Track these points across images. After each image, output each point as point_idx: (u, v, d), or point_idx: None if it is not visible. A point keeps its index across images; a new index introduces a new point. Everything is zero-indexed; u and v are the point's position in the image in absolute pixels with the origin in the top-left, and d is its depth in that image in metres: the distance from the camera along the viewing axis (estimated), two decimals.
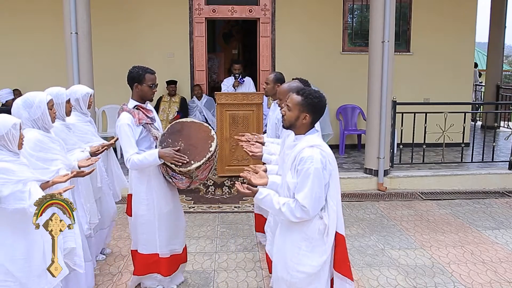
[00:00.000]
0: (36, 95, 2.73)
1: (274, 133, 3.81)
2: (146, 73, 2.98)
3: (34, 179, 2.38)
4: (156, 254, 3.10)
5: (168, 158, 2.82)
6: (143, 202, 3.03)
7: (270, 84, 3.81)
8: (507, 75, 19.09)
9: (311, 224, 2.19)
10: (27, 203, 2.23)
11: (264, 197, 2.22)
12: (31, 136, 2.67)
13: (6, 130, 2.28)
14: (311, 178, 2.11)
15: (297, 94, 2.25)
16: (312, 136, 2.25)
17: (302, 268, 2.20)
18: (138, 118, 2.94)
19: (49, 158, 2.73)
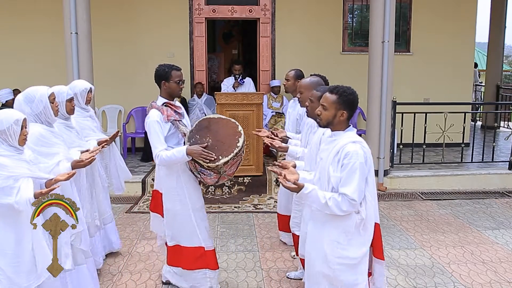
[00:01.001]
0: (37, 89, 2.75)
1: (294, 129, 3.87)
2: (172, 70, 3.00)
3: (31, 176, 2.38)
4: (202, 247, 3.10)
5: (195, 155, 2.83)
6: (176, 198, 3.04)
7: (291, 81, 3.86)
8: (507, 75, 19.10)
9: (348, 218, 2.26)
10: (13, 199, 2.24)
11: (310, 192, 2.25)
12: (34, 131, 2.69)
13: (8, 125, 2.31)
14: (357, 172, 2.19)
15: (330, 93, 2.32)
16: (352, 132, 2.33)
17: (342, 261, 2.28)
18: (167, 115, 2.97)
19: (50, 153, 2.75)
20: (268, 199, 5.53)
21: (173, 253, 3.18)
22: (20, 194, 2.26)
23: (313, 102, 2.77)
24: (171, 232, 3.14)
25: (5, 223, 2.32)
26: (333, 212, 2.23)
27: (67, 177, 2.51)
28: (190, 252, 3.10)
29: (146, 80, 7.34)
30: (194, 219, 3.07)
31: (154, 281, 3.47)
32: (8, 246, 2.32)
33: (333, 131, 2.36)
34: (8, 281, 2.32)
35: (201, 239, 3.10)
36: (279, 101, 7.22)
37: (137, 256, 3.92)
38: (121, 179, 3.87)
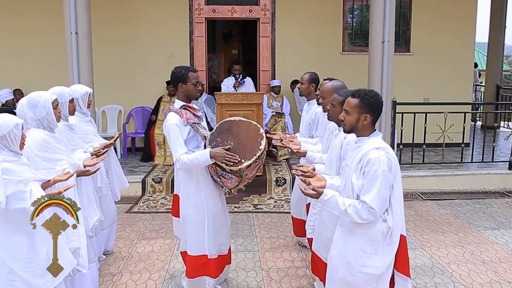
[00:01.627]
0: (40, 94, 2.74)
1: (307, 132, 3.86)
2: (189, 72, 2.96)
3: (35, 179, 2.38)
4: (205, 255, 3.08)
5: (219, 158, 2.79)
6: (192, 203, 3.01)
7: (305, 84, 3.85)
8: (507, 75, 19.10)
9: (375, 227, 2.21)
10: (28, 203, 2.24)
11: (329, 198, 2.22)
12: (37, 136, 2.68)
13: (8, 130, 2.29)
14: (379, 180, 2.14)
15: (352, 97, 2.27)
16: (376, 138, 2.28)
17: (366, 270, 2.23)
18: (186, 118, 2.93)
19: (54, 158, 2.73)
20: (268, 199, 5.53)
21: (183, 258, 3.21)
22: (34, 198, 2.24)
23: (335, 106, 2.73)
24: (183, 237, 3.14)
25: (17, 229, 2.32)
26: (353, 220, 2.19)
27: (66, 178, 2.51)
28: (193, 260, 3.09)
29: (146, 80, 7.37)
30: (206, 225, 3.04)
31: (154, 281, 3.47)
32: (22, 251, 2.32)
33: (358, 136, 2.32)
34: (25, 286, 2.32)
35: (207, 247, 3.07)
36: (279, 101, 7.22)
37: (137, 256, 3.92)
38: (116, 187, 3.83)
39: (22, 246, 2.32)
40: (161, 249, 4.07)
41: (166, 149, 6.70)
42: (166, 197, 5.63)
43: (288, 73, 7.42)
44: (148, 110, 7.35)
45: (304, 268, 3.68)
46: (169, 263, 3.78)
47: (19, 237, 2.32)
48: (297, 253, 3.98)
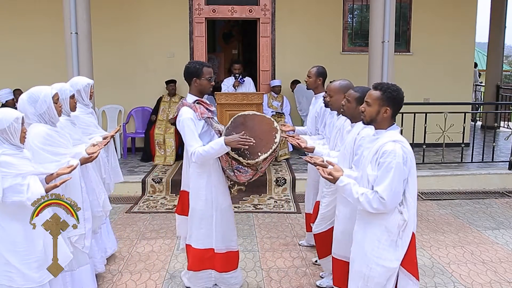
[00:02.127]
0: (41, 89, 2.76)
1: (313, 126, 3.88)
2: (203, 67, 2.98)
3: (36, 173, 2.40)
4: (212, 249, 3.08)
5: (234, 143, 2.77)
6: (202, 198, 3.02)
7: (312, 78, 3.89)
8: (507, 75, 19.10)
9: (391, 218, 2.24)
10: (24, 196, 2.27)
11: (345, 185, 2.28)
12: (40, 131, 2.71)
13: (8, 124, 2.32)
14: (392, 171, 2.17)
15: (375, 89, 2.32)
16: (394, 131, 2.32)
17: (382, 262, 2.24)
18: (200, 112, 2.94)
19: (57, 152, 2.77)
20: (268, 199, 5.53)
21: (187, 251, 3.20)
22: (31, 191, 2.28)
23: (350, 102, 2.76)
24: (190, 231, 3.14)
25: (14, 220, 2.34)
26: (365, 208, 2.24)
27: (69, 171, 2.52)
28: (199, 253, 3.08)
29: (146, 80, 7.37)
30: (214, 220, 3.05)
31: (154, 281, 3.47)
32: (19, 244, 2.35)
33: (376, 129, 2.36)
34: (22, 278, 2.35)
35: (214, 241, 3.08)
36: (279, 101, 7.22)
37: (137, 256, 3.92)
38: (111, 179, 3.82)
39: (19, 238, 2.34)
40: (161, 249, 4.07)
41: (166, 149, 6.70)
42: (166, 197, 5.63)
43: (288, 73, 7.42)
44: (148, 110, 7.35)
45: (304, 268, 3.68)
46: (169, 263, 3.78)
47: (16, 229, 2.34)
48: (297, 253, 3.98)
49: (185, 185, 3.18)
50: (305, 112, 7.05)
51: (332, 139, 3.22)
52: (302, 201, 5.40)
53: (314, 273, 3.59)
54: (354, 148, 2.67)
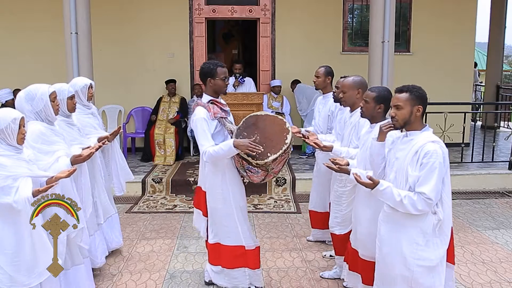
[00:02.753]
0: (38, 87, 2.76)
1: (325, 125, 3.90)
2: (217, 67, 3.00)
3: (30, 175, 2.38)
4: (242, 246, 3.10)
5: (243, 147, 2.80)
6: (219, 196, 3.04)
7: (321, 78, 3.89)
8: (507, 75, 19.10)
9: (426, 219, 2.27)
10: (11, 198, 2.25)
11: (385, 189, 2.28)
12: (35, 128, 2.70)
13: (6, 124, 2.30)
14: (436, 171, 2.21)
15: (400, 93, 2.38)
16: (429, 132, 2.35)
17: (422, 263, 2.28)
18: (213, 112, 2.96)
19: (51, 150, 2.75)
20: (268, 199, 5.53)
21: (214, 251, 3.19)
22: (19, 193, 2.26)
23: (368, 102, 2.75)
24: (214, 230, 3.14)
25: (4, 222, 2.33)
26: (407, 211, 2.24)
27: (67, 174, 2.51)
28: (230, 250, 3.10)
29: (146, 80, 7.37)
30: (236, 217, 3.07)
31: (154, 281, 3.47)
32: (8, 245, 2.33)
33: (409, 130, 2.38)
34: (9, 280, 2.33)
35: (242, 238, 3.10)
36: (279, 101, 7.22)
37: (137, 256, 3.92)
38: (121, 179, 3.85)
39: (9, 240, 2.32)
40: (161, 249, 4.07)
41: (166, 149, 6.71)
42: (166, 197, 5.63)
43: (288, 73, 7.42)
44: (148, 110, 7.35)
45: (304, 268, 3.68)
46: (169, 263, 3.78)
47: (5, 232, 2.32)
48: (297, 253, 3.98)
49: (201, 182, 3.20)
50: (305, 112, 7.05)
51: (347, 136, 3.22)
52: (302, 201, 5.41)
53: (314, 273, 3.59)
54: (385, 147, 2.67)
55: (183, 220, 4.82)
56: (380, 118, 2.75)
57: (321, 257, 3.89)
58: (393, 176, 2.40)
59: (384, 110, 2.77)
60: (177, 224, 4.70)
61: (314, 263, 3.79)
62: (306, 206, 5.24)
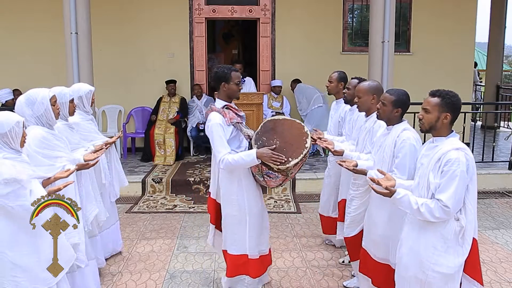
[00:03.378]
0: (38, 91, 2.74)
1: (336, 130, 3.91)
2: (231, 72, 2.96)
3: (35, 177, 2.39)
4: (245, 255, 3.08)
5: (266, 158, 2.78)
6: (234, 203, 3.01)
7: (334, 83, 3.89)
8: (507, 75, 19.10)
9: (447, 225, 2.24)
10: (28, 200, 2.24)
11: (402, 197, 2.26)
12: (36, 133, 2.68)
13: (9, 128, 2.29)
14: (457, 180, 2.17)
15: (433, 96, 2.32)
16: (455, 138, 2.32)
17: (438, 268, 2.25)
18: (229, 118, 2.92)
19: (54, 155, 2.74)
20: (268, 199, 5.53)
21: (224, 257, 3.20)
22: (34, 195, 2.25)
23: (386, 105, 2.75)
24: (224, 236, 3.14)
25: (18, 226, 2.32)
26: (425, 218, 2.22)
27: (66, 175, 2.51)
28: (233, 259, 3.09)
29: (146, 80, 7.37)
30: (248, 224, 3.04)
31: (154, 281, 3.47)
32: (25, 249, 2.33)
33: (435, 136, 2.35)
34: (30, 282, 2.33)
35: (247, 247, 3.07)
36: (279, 101, 7.22)
37: (137, 256, 3.92)
38: (116, 185, 3.83)
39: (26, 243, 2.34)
40: (161, 249, 4.07)
41: (166, 149, 6.71)
42: (166, 197, 5.63)
43: (288, 73, 7.42)
44: (148, 110, 7.35)
45: (304, 268, 3.69)
46: (169, 263, 3.78)
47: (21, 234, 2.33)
48: (297, 253, 3.98)
49: (212, 189, 3.18)
50: (305, 112, 7.05)
51: (361, 141, 3.21)
52: (302, 201, 5.41)
53: (314, 273, 3.60)
54: (394, 150, 2.67)
55: (183, 220, 4.82)
56: (396, 121, 2.75)
57: (321, 257, 3.90)
58: (416, 182, 2.38)
59: (401, 114, 2.76)
60: (177, 224, 4.70)
61: (314, 263, 3.79)
62: (306, 206, 5.26)
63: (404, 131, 2.65)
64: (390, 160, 2.69)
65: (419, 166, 2.42)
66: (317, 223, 4.72)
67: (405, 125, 2.70)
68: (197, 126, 7.02)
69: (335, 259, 3.88)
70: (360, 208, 3.11)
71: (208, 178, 5.79)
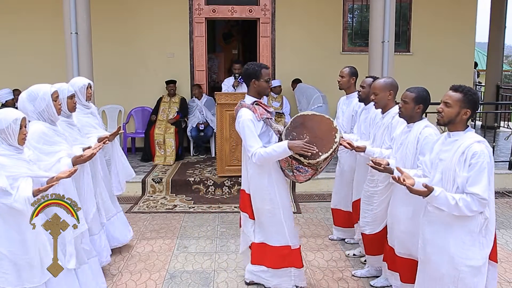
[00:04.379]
0: (40, 87, 2.76)
1: (349, 126, 3.93)
2: (262, 69, 3.02)
3: (31, 175, 2.38)
4: (288, 246, 3.11)
5: (297, 149, 2.81)
6: (266, 197, 3.05)
7: (346, 78, 3.92)
8: (507, 75, 19.11)
9: (474, 219, 2.29)
10: (11, 198, 2.25)
11: (439, 194, 2.27)
12: (37, 129, 2.70)
13: (7, 124, 2.32)
14: (486, 171, 2.23)
15: (455, 91, 2.40)
16: (472, 132, 2.38)
17: (469, 262, 2.31)
18: (260, 113, 2.98)
19: (52, 151, 2.75)
20: None
21: (258, 251, 3.18)
22: (19, 193, 2.26)
23: (408, 103, 2.79)
24: (260, 230, 3.14)
25: (6, 223, 2.34)
26: (462, 213, 2.26)
27: (68, 175, 2.52)
28: (276, 251, 3.10)
29: (146, 80, 7.37)
30: (282, 217, 3.08)
31: (154, 281, 3.47)
32: (14, 247, 2.35)
33: (452, 131, 2.40)
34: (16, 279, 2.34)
35: (288, 238, 3.10)
36: (279, 101, 7.22)
37: (137, 256, 3.92)
38: (121, 178, 3.85)
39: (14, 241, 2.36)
40: (161, 249, 4.07)
41: (166, 149, 6.71)
42: (166, 197, 5.63)
43: (288, 73, 7.42)
44: (148, 110, 7.35)
45: (304, 268, 3.68)
46: (169, 263, 3.78)
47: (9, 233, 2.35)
48: None
49: (244, 185, 3.20)
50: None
51: (379, 136, 3.25)
52: (302, 201, 5.41)
53: (314, 273, 3.60)
54: (417, 147, 2.72)
55: (183, 220, 4.82)
56: (418, 117, 2.81)
57: (321, 257, 3.90)
58: (438, 177, 2.40)
59: (423, 110, 2.81)
60: (177, 224, 4.70)
61: (314, 263, 3.79)
62: (306, 206, 5.26)
63: (425, 127, 2.73)
64: (413, 157, 2.74)
65: (437, 161, 2.44)
66: (317, 223, 4.72)
67: (426, 122, 2.78)
68: (197, 126, 7.02)
69: (335, 259, 3.88)
70: (382, 204, 3.19)
71: (208, 178, 5.79)
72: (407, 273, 2.85)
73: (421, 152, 2.68)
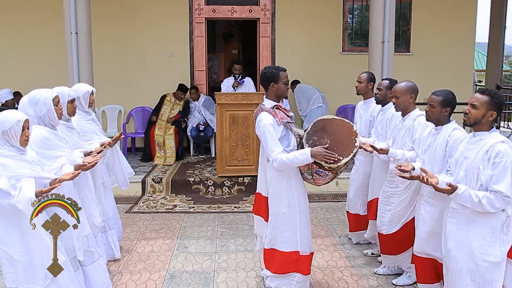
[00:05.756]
0: (41, 92, 2.76)
1: (367, 131, 3.96)
2: (279, 72, 3.03)
3: (33, 176, 2.39)
4: (297, 252, 3.10)
5: (319, 157, 2.83)
6: (284, 201, 3.04)
7: (364, 83, 3.95)
8: (507, 75, 19.11)
9: (496, 217, 2.38)
10: (14, 199, 2.25)
11: (463, 192, 2.35)
12: (38, 133, 2.70)
13: (10, 126, 2.33)
14: (509, 170, 2.30)
15: (482, 94, 2.44)
16: (497, 133, 2.46)
17: (488, 258, 2.39)
18: (280, 118, 2.98)
19: (54, 156, 2.75)
20: None
21: (268, 256, 3.19)
22: (21, 194, 2.27)
23: (434, 107, 2.82)
24: (272, 235, 3.13)
25: (10, 224, 2.34)
26: (485, 210, 2.33)
27: (71, 177, 2.52)
28: (284, 256, 3.09)
29: (146, 80, 7.37)
30: (298, 222, 3.07)
31: (154, 281, 3.47)
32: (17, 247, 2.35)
33: (477, 131, 2.47)
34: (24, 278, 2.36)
35: (298, 244, 3.09)
36: None
37: (137, 256, 3.92)
38: (125, 175, 3.90)
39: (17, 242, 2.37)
40: (161, 249, 4.07)
41: (166, 150, 6.71)
42: (166, 197, 5.63)
43: (288, 73, 7.39)
44: (148, 110, 7.35)
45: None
46: (169, 263, 3.78)
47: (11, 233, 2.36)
48: None
49: (261, 188, 3.20)
50: (304, 112, 7.05)
51: (400, 139, 3.28)
52: None
53: (314, 273, 3.60)
54: (446, 149, 2.76)
55: (183, 220, 4.82)
56: (446, 120, 2.84)
57: (321, 257, 3.90)
58: (462, 175, 2.48)
59: (450, 112, 2.85)
60: (177, 224, 4.70)
61: (314, 263, 3.78)
62: None
63: (454, 130, 2.78)
64: (442, 159, 2.78)
65: (462, 159, 2.51)
66: (317, 223, 4.72)
67: (454, 124, 2.82)
68: (197, 126, 7.02)
69: (335, 259, 3.88)
70: (401, 205, 3.23)
71: (208, 178, 5.79)
72: (424, 271, 2.90)
73: (449, 155, 2.72)
